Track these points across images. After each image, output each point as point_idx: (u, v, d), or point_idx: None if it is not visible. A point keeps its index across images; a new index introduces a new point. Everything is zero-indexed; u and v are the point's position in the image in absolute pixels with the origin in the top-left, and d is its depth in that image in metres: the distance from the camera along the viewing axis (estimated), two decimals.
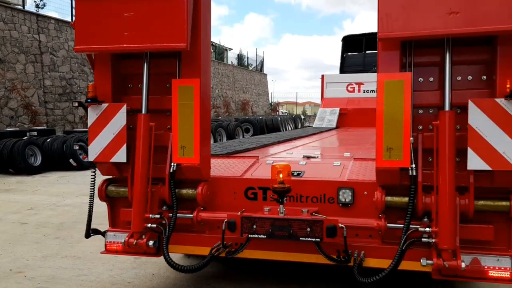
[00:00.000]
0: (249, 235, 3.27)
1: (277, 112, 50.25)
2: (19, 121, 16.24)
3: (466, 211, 3.04)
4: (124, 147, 3.42)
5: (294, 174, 3.66)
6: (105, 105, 3.46)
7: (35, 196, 8.79)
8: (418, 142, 3.12)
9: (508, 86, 2.82)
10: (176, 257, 4.37)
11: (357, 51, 17.83)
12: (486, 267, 3.06)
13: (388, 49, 3.10)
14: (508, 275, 3.02)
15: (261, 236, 3.25)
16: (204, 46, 3.47)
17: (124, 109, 3.43)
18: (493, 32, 2.77)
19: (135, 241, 3.38)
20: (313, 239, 3.16)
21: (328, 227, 3.12)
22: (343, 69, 17.30)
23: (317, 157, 4.38)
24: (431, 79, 3.17)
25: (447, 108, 2.97)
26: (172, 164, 3.46)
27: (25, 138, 12.39)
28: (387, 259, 3.15)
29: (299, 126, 28.24)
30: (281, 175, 3.24)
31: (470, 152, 2.91)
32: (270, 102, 50.16)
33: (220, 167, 3.88)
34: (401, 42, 3.10)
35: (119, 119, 3.43)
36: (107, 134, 3.45)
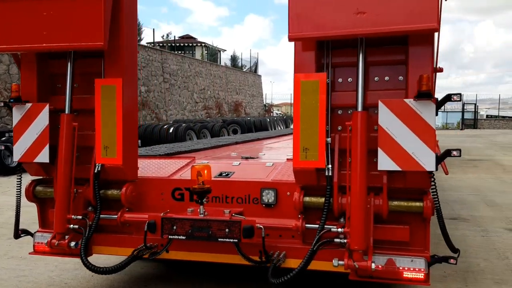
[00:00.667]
0: (169, 236, 3.26)
1: (271, 113, 50.23)
2: (2, 121, 16.21)
3: (381, 212, 3.03)
4: (47, 147, 3.40)
5: (223, 174, 3.66)
6: (28, 105, 3.45)
7: (3, 197, 8.77)
8: (335, 143, 3.11)
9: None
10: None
11: None
12: (400, 268, 3.05)
13: (304, 49, 3.09)
14: (423, 276, 3.01)
15: (181, 237, 3.24)
16: (128, 46, 3.46)
17: (46, 109, 3.41)
18: (398, 32, 2.76)
19: (57, 242, 3.36)
20: (231, 240, 3.15)
21: (245, 228, 3.11)
22: None
23: (257, 157, 4.37)
24: (350, 79, 3.16)
25: (359, 108, 2.97)
26: (97, 164, 3.45)
27: (3, 138, 12.36)
28: (318, 260, 3.14)
29: (291, 127, 28.18)
30: (200, 176, 3.24)
31: (381, 153, 2.90)
32: (265, 103, 50.12)
33: (152, 168, 3.87)
34: (318, 43, 3.10)
35: (42, 119, 3.41)
36: (30, 134, 3.44)
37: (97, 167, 3.45)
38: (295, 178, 3.21)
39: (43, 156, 3.41)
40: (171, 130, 16.11)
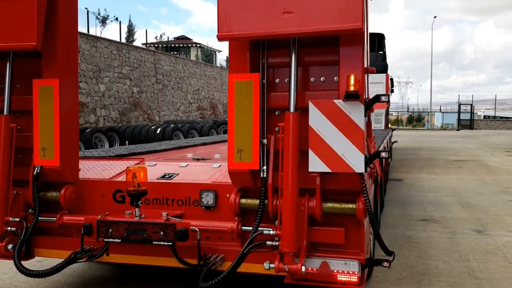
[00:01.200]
0: (105, 239, 3.22)
1: None
2: None
3: (315, 214, 2.99)
4: None
5: (166, 176, 3.62)
6: None
7: None
8: (271, 144, 3.08)
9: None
10: None
11: None
12: (335, 271, 3.00)
13: (238, 49, 3.06)
14: (356, 280, 2.97)
15: (116, 240, 3.20)
16: (66, 46, 3.43)
17: None
18: (322, 32, 2.72)
19: None
20: (166, 243, 3.11)
21: (179, 231, 3.07)
22: None
23: (209, 159, 4.33)
24: (287, 80, 3.12)
25: (291, 109, 2.93)
26: (36, 166, 3.42)
27: None
28: (246, 262, 3.11)
29: None
30: (136, 177, 3.21)
31: (311, 154, 2.87)
32: None
33: (96, 170, 3.83)
34: (252, 43, 3.06)
35: None
36: None
37: (36, 168, 3.41)
38: (231, 180, 3.17)
39: None
40: (158, 131, 16.07)
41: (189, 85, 33.23)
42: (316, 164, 2.86)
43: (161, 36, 41.47)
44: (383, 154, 2.84)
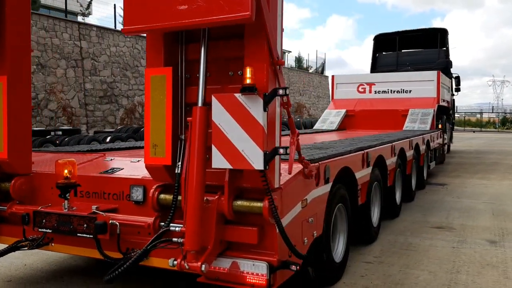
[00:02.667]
0: (39, 229, 3.37)
1: None
2: (59, 121, 17.55)
3: (224, 212, 2.89)
4: None
5: (109, 171, 3.69)
6: None
7: None
8: (187, 140, 3.02)
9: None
10: None
11: (390, 51, 17.09)
12: (244, 272, 2.88)
13: (152, 43, 3.04)
14: (264, 282, 2.82)
15: (48, 230, 3.34)
16: (15, 44, 3.61)
17: None
18: (212, 23, 2.59)
19: None
20: (87, 235, 3.19)
21: (98, 224, 3.13)
22: (375, 69, 16.69)
23: None
24: (208, 74, 3.05)
25: (200, 103, 2.85)
26: None
27: (48, 137, 13.40)
28: (157, 257, 3.10)
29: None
30: (66, 170, 3.32)
31: (214, 150, 2.76)
32: None
33: (51, 164, 3.98)
34: (167, 36, 3.02)
35: None
36: None
37: None
38: (150, 175, 3.16)
39: None
40: None
41: None
42: (219, 160, 2.76)
43: None
44: (280, 151, 2.66)
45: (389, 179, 6.12)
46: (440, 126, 11.94)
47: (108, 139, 12.82)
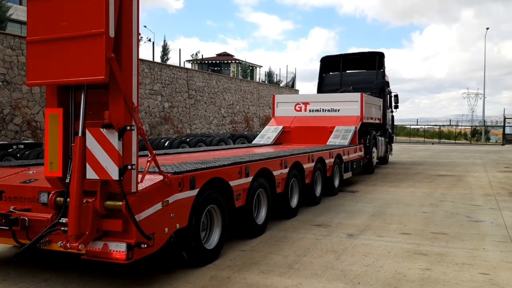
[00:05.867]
0: None
1: None
2: (24, 135, 18.58)
3: (97, 209, 4.19)
4: None
5: (26, 181, 4.98)
6: None
7: None
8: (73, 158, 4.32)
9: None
10: None
11: (335, 71, 18.72)
12: (112, 250, 4.19)
13: (50, 90, 4.36)
14: (123, 256, 4.13)
15: None
16: None
17: None
18: (78, 82, 3.97)
19: None
20: (5, 227, 4.48)
21: (11, 219, 4.42)
22: (322, 87, 18.28)
23: None
24: (91, 112, 4.37)
25: (80, 134, 4.17)
26: None
27: (9, 150, 14.47)
28: (53, 242, 4.37)
29: None
30: None
31: (87, 167, 4.09)
32: None
33: None
34: (59, 85, 4.34)
35: None
36: None
37: None
38: (49, 184, 4.46)
39: None
40: (166, 143, 17.67)
41: (223, 99, 34.96)
42: (90, 173, 4.08)
43: (196, 54, 43.71)
44: (129, 167, 4.02)
45: (280, 187, 7.52)
46: (361, 141, 13.51)
47: None
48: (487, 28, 60.81)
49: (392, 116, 19.92)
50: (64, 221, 4.23)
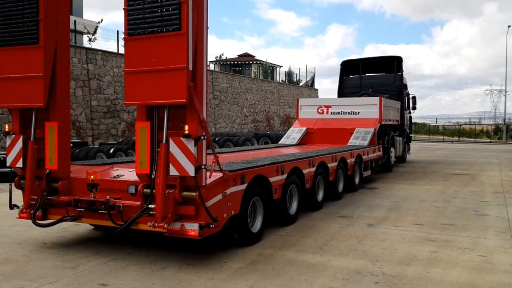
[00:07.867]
0: (77, 209, 6.04)
1: None
2: None
3: (177, 198, 5.53)
4: (21, 159, 6.33)
5: (115, 176, 6.36)
6: None
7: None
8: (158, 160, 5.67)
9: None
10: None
11: (355, 74, 19.83)
12: (188, 229, 5.53)
13: (140, 108, 5.70)
14: (196, 233, 5.48)
15: (82, 209, 6.01)
16: (61, 81, 6.30)
17: None
18: (167, 103, 5.30)
19: (25, 210, 6.27)
20: (105, 211, 5.85)
21: (110, 205, 5.80)
22: (342, 90, 19.45)
23: None
24: (170, 124, 5.70)
25: (164, 141, 5.51)
26: (47, 169, 6.32)
27: None
28: (141, 223, 5.73)
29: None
30: (92, 176, 5.99)
31: (170, 166, 5.43)
32: None
33: (82, 171, 6.62)
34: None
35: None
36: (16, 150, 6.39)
37: (47, 170, 6.31)
38: (138, 179, 5.82)
39: (20, 163, 6.34)
40: None
41: (245, 99, 36.31)
42: (173, 171, 5.43)
43: (220, 56, 45.24)
44: (202, 166, 5.34)
45: (308, 183, 8.78)
46: (380, 141, 14.67)
47: (111, 150, 15.44)
48: (509, 26, 60.39)
49: (410, 117, 20.95)
50: (152, 206, 5.58)
